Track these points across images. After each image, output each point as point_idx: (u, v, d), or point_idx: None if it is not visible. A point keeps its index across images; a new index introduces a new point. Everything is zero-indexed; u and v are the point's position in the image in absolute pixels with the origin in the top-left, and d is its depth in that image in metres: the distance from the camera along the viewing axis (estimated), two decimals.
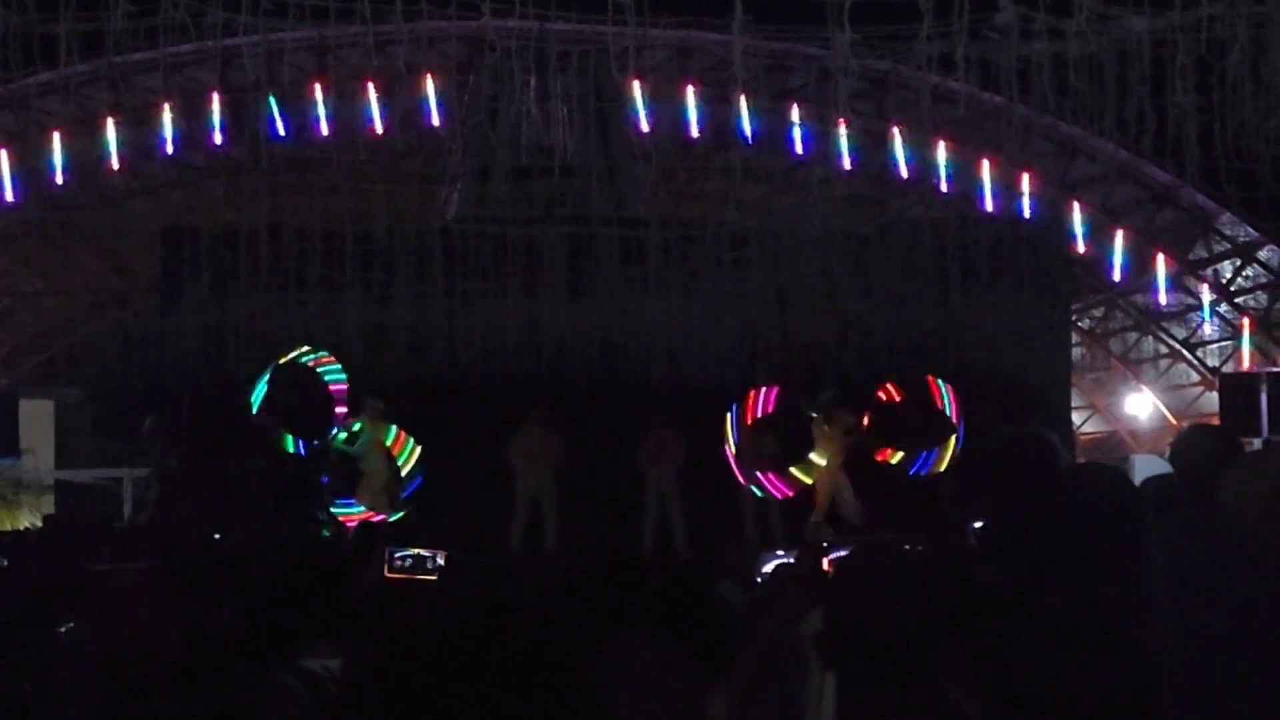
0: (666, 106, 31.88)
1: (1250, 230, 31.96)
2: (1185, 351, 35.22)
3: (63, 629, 8.06)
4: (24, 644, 7.61)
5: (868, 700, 3.96)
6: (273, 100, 30.88)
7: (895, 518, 16.83)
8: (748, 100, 31.74)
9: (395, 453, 21.96)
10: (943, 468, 21.80)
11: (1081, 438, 35.08)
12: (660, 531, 21.96)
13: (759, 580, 9.72)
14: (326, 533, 21.13)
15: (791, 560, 11.26)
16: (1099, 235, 32.38)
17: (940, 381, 22.15)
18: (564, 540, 21.90)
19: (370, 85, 31.20)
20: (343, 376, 21.93)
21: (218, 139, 31.47)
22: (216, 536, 19.45)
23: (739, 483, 22.61)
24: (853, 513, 21.37)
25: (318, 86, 31.35)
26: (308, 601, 5.80)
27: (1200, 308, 33.64)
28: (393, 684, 2.80)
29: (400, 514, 21.62)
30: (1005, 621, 4.70)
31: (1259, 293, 33.43)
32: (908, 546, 5.70)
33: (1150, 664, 4.56)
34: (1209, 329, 34.10)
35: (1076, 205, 32.08)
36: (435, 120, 31.61)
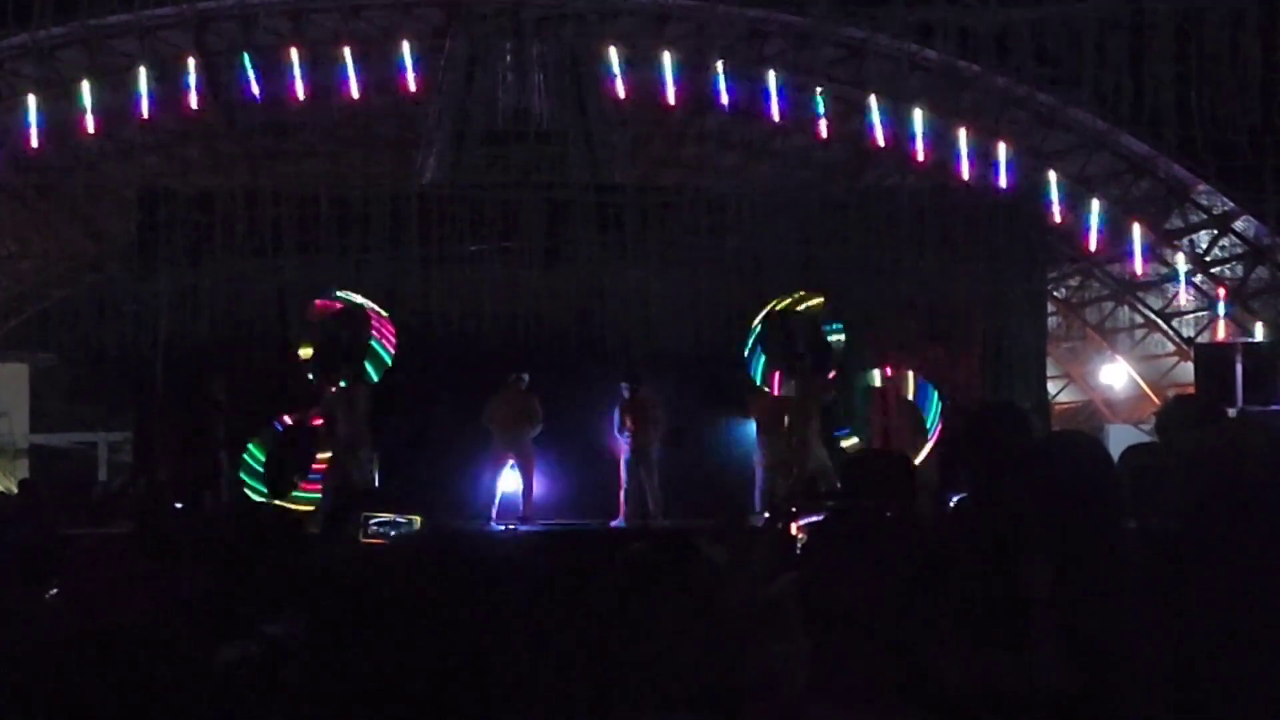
0: (643, 73, 31.79)
1: (1226, 201, 31.99)
2: (1161, 321, 35.27)
3: (47, 592, 8.05)
4: (7, 606, 7.60)
5: (841, 664, 3.96)
6: (248, 64, 30.78)
7: (870, 485, 16.86)
8: (725, 67, 31.70)
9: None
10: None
11: (1056, 407, 35.11)
12: (639, 497, 21.98)
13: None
14: (304, 496, 21.16)
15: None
16: (1075, 204, 32.42)
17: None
18: (540, 506, 21.93)
19: (346, 49, 31.06)
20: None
21: (193, 103, 31.33)
22: (178, 505, 19.42)
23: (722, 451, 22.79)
24: (828, 480, 21.37)
25: (293, 50, 31.21)
26: (274, 566, 5.80)
27: (1176, 278, 33.70)
28: (355, 649, 2.78)
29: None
30: (984, 588, 4.71)
31: (1235, 263, 33.49)
32: (884, 513, 5.69)
33: (1136, 629, 4.58)
34: (1184, 299, 34.15)
35: (1053, 174, 32.11)
36: (411, 85, 31.47)
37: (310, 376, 22.46)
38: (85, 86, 30.69)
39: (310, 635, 3.11)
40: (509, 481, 21.88)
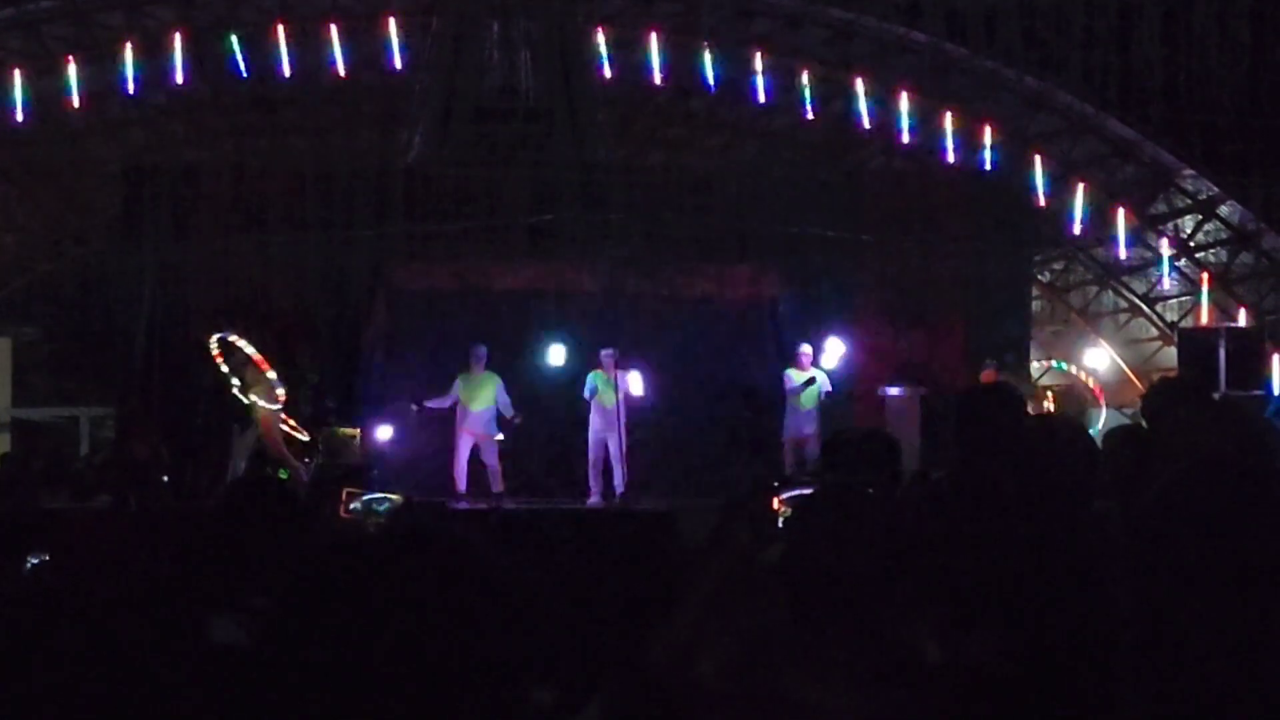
0: (629, 52, 31.74)
1: (1211, 186, 32.02)
2: (1144, 306, 35.30)
3: (27, 565, 8.04)
4: None
5: (822, 640, 3.96)
6: (234, 40, 30.69)
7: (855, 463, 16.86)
8: (711, 47, 31.64)
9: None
10: None
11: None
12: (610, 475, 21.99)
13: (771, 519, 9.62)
14: (283, 474, 21.13)
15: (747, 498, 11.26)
16: (1060, 189, 32.43)
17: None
18: (513, 484, 21.95)
19: (333, 26, 30.98)
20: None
21: (179, 78, 31.22)
22: (165, 479, 19.42)
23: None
24: None
25: (280, 27, 31.10)
26: (270, 540, 5.79)
27: (1159, 262, 33.73)
28: (318, 621, 2.78)
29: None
30: (968, 564, 4.71)
31: (1219, 248, 33.53)
32: (869, 490, 5.71)
33: (1115, 609, 4.58)
34: (1168, 284, 34.18)
35: (1038, 158, 32.11)
36: (398, 62, 31.39)
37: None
38: (71, 61, 30.58)
39: (286, 611, 3.10)
40: (481, 457, 21.89)
